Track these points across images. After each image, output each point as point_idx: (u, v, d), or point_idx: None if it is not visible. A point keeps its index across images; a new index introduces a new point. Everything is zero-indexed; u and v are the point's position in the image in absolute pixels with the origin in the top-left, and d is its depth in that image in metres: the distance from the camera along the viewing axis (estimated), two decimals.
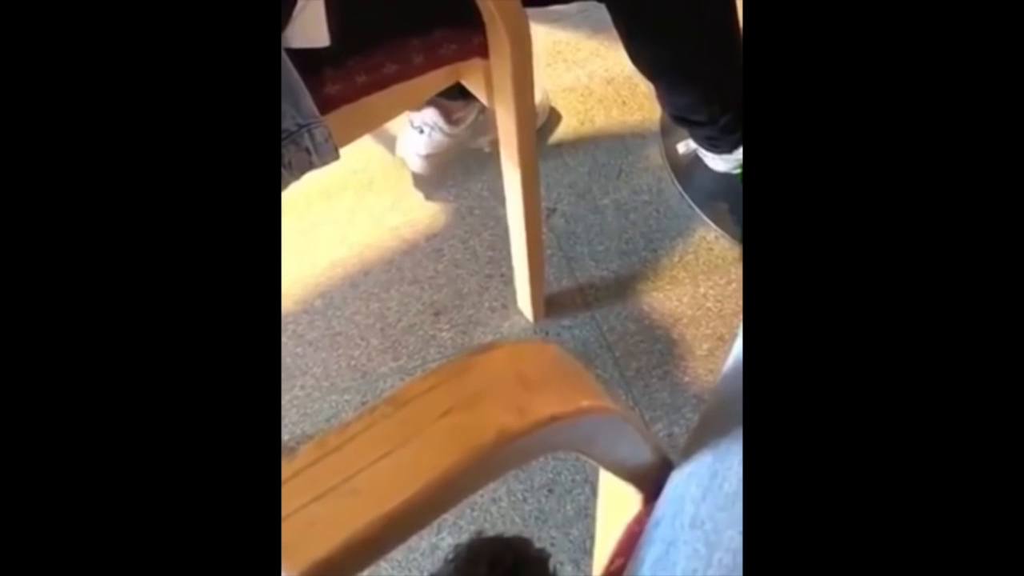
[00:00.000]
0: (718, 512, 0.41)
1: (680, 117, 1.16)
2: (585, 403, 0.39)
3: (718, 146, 1.19)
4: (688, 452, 0.47)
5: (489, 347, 0.38)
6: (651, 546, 0.44)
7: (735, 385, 0.49)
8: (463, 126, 1.26)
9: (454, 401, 0.35)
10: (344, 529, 0.31)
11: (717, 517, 0.41)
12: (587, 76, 1.42)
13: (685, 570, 0.41)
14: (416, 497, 0.32)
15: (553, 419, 0.36)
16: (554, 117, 1.37)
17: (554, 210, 1.27)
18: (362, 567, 0.32)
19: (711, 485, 0.43)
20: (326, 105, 0.74)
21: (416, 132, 1.25)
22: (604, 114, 1.38)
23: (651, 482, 0.49)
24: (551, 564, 0.45)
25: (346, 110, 0.78)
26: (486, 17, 0.79)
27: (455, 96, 1.22)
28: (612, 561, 0.49)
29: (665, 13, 0.98)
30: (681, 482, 0.46)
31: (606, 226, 1.25)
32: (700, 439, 0.47)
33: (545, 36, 1.47)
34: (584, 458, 0.45)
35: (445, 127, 1.24)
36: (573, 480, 1.03)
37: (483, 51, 0.83)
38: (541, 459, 1.04)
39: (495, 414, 0.35)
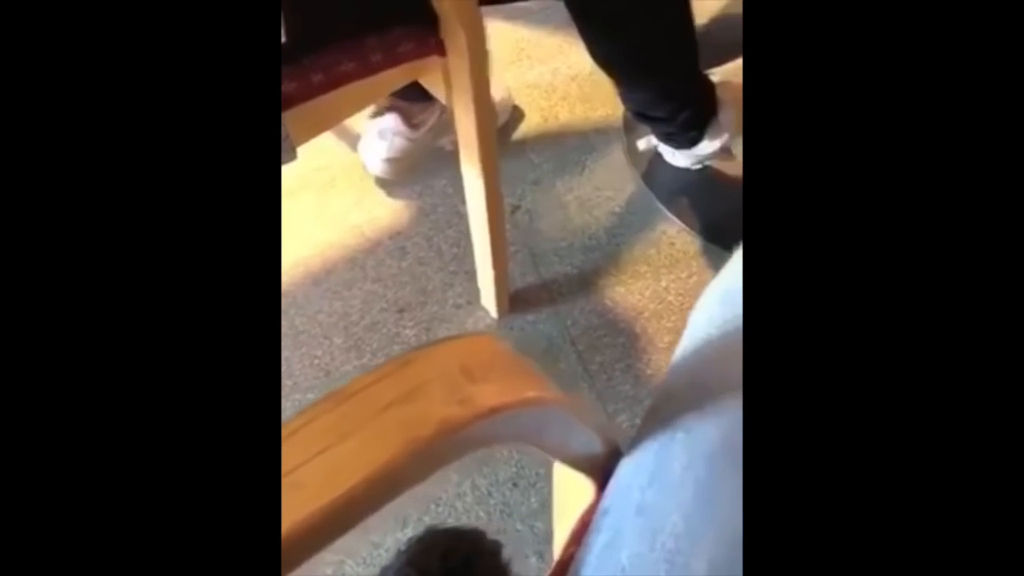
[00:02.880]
0: (662, 499, 0.42)
1: (640, 113, 1.17)
2: (529, 394, 0.40)
3: (677, 142, 1.20)
4: (636, 442, 0.48)
5: (432, 342, 0.39)
6: (599, 533, 0.45)
7: (682, 377, 0.50)
8: (424, 129, 1.27)
9: (396, 394, 0.35)
10: (285, 521, 0.32)
11: (661, 503, 0.42)
12: (551, 73, 1.43)
13: (630, 555, 0.42)
14: (357, 488, 0.33)
15: (494, 410, 0.36)
16: (517, 114, 1.38)
17: (518, 207, 1.28)
18: (304, 558, 0.33)
19: (656, 472, 0.44)
20: (282, 103, 0.74)
21: (377, 138, 1.25)
22: (568, 111, 1.39)
23: (603, 471, 0.50)
24: (504, 555, 0.46)
25: (303, 108, 0.77)
26: (440, 14, 0.80)
27: (416, 98, 1.22)
28: (565, 550, 0.50)
29: (618, 9, 0.99)
30: (628, 471, 0.46)
31: (569, 222, 1.26)
32: (647, 429, 0.48)
33: (508, 33, 1.48)
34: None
35: (406, 131, 1.24)
36: (537, 474, 1.03)
37: (440, 49, 0.83)
38: (505, 453, 1.05)
39: (436, 406, 0.35)
